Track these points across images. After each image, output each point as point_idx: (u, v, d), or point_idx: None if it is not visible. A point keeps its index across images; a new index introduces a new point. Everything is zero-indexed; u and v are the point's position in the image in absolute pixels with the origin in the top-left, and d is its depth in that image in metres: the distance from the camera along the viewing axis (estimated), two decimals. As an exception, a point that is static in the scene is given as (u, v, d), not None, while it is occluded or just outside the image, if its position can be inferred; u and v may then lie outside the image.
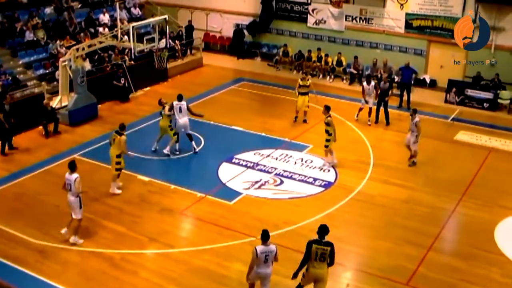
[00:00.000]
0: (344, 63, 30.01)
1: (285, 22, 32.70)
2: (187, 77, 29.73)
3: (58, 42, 27.71)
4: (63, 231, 15.50)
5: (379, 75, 28.72)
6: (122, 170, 18.29)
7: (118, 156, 17.89)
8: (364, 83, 24.01)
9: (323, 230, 12.63)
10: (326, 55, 30.31)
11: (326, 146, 20.01)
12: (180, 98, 20.82)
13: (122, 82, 26.35)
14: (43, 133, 22.48)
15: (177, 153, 20.97)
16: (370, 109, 23.80)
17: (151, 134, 22.85)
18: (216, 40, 35.41)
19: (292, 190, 18.66)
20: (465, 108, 26.26)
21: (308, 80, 23.68)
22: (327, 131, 19.81)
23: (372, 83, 23.81)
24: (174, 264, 14.79)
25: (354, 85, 29.35)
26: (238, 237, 15.94)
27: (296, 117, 23.91)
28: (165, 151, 20.57)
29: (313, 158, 20.82)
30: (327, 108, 19.92)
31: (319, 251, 12.35)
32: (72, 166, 15.30)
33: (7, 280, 13.75)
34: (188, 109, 20.87)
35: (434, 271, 14.64)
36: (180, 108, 20.58)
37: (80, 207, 15.30)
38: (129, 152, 18.15)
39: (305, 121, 23.87)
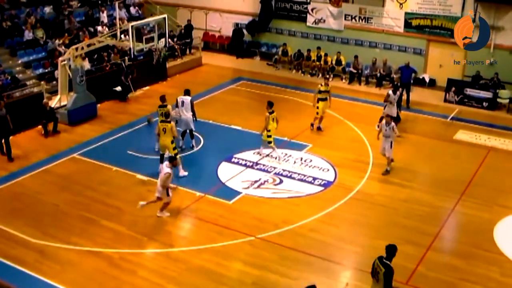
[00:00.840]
0: (343, 63, 30.01)
1: (285, 21, 32.70)
2: (187, 77, 29.70)
3: (57, 41, 27.72)
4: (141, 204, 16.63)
5: (378, 74, 28.86)
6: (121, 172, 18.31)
7: (172, 142, 18.97)
8: (390, 92, 22.97)
9: (389, 249, 12.30)
10: (325, 55, 30.31)
11: (269, 142, 20.45)
12: (187, 92, 20.95)
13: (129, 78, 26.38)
14: (42, 132, 22.46)
15: (183, 147, 21.19)
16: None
17: (151, 133, 22.87)
18: (215, 39, 35.41)
19: (292, 190, 18.64)
20: (464, 108, 26.26)
21: (328, 84, 23.09)
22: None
23: (398, 93, 23.09)
24: (173, 263, 14.78)
25: (353, 84, 29.40)
26: (238, 236, 15.93)
27: (313, 124, 23.17)
28: (181, 174, 19.33)
29: (312, 157, 20.81)
30: (270, 104, 20.32)
31: (376, 269, 12.20)
32: (172, 160, 16.83)
33: (7, 279, 13.73)
34: (192, 105, 20.85)
35: (434, 270, 14.64)
36: (182, 102, 20.60)
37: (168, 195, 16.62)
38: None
39: (319, 128, 23.20)
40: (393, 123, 19.67)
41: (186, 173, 19.20)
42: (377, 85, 28.94)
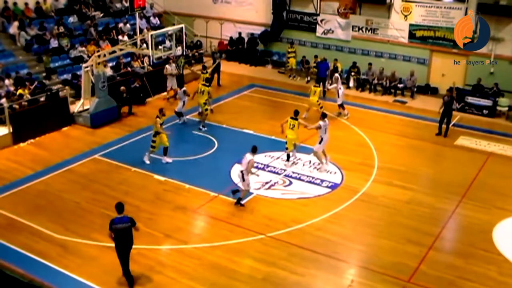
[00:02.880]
0: (339, 69, 29.93)
1: (295, 31, 32.67)
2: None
3: (80, 48, 27.87)
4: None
5: (384, 83, 28.79)
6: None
7: (205, 103, 23.18)
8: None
9: None
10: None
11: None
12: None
13: (134, 85, 26.33)
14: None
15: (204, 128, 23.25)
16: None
17: (168, 136, 22.91)
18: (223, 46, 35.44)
19: (300, 191, 18.60)
20: (465, 115, 26.11)
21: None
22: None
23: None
24: (188, 259, 14.78)
25: (361, 91, 29.34)
26: (249, 234, 15.92)
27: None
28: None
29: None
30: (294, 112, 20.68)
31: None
32: (254, 150, 17.65)
33: (31, 272, 13.82)
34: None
35: (434, 268, 14.56)
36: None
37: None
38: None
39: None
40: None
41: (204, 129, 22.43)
42: (383, 93, 28.84)
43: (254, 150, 17.59)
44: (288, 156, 20.65)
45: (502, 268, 14.74)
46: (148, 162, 20.18)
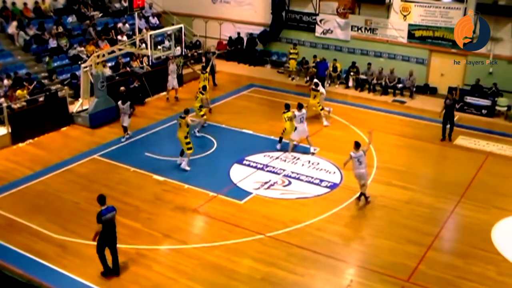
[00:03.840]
0: (338, 69, 29.99)
1: (294, 31, 32.66)
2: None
3: (78, 48, 27.88)
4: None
5: (383, 83, 28.82)
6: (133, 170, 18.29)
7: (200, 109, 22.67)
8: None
9: None
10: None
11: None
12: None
13: (136, 85, 26.33)
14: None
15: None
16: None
17: (166, 136, 22.96)
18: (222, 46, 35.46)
19: (300, 191, 18.61)
20: (464, 114, 26.11)
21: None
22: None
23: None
24: (187, 259, 14.79)
25: (360, 91, 29.37)
26: (248, 234, 15.93)
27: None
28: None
29: (319, 160, 20.77)
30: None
31: None
32: (358, 145, 17.36)
33: (30, 272, 13.83)
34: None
35: (434, 268, 14.57)
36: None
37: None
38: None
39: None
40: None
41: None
42: (382, 93, 28.87)
43: (357, 145, 17.42)
44: (281, 139, 21.55)
45: (501, 267, 14.75)
46: (188, 168, 19.72)
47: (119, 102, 21.90)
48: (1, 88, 23.30)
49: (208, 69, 27.28)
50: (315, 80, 25.20)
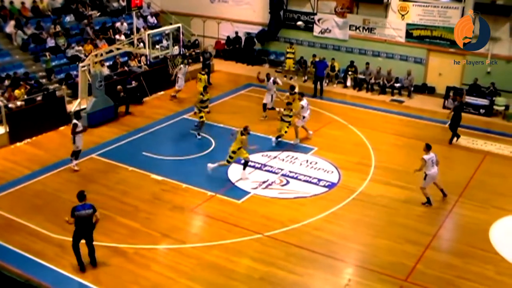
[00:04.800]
0: (336, 69, 30.00)
1: (292, 31, 32.65)
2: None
3: (76, 47, 27.86)
4: None
5: (381, 82, 28.84)
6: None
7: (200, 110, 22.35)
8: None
9: None
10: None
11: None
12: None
13: (133, 84, 26.29)
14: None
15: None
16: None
17: (164, 135, 22.98)
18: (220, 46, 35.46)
19: (298, 190, 18.62)
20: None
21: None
22: None
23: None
24: (185, 258, 14.79)
25: (358, 91, 29.38)
26: (246, 234, 15.94)
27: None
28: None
29: (317, 159, 20.79)
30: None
31: None
32: (429, 147, 17.47)
33: (28, 272, 13.81)
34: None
35: (432, 268, 14.60)
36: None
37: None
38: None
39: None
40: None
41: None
42: (380, 93, 28.90)
43: (428, 147, 17.58)
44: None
45: (499, 267, 14.78)
46: (210, 170, 19.28)
47: (75, 121, 19.57)
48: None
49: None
50: (292, 84, 25.08)
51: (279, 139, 21.93)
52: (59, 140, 22.25)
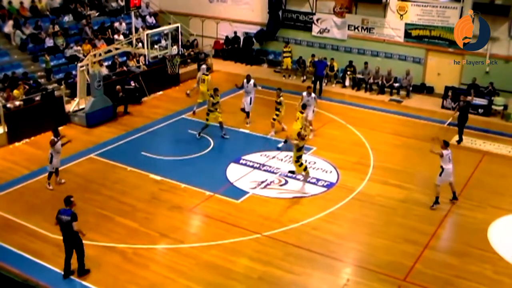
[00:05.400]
0: (335, 69, 29.98)
1: (291, 31, 32.66)
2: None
3: (75, 47, 27.85)
4: None
5: (380, 82, 28.85)
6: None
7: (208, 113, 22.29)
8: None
9: None
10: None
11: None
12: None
13: (132, 85, 26.30)
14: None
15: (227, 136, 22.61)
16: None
17: (163, 135, 22.99)
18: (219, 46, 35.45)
19: (296, 190, 18.61)
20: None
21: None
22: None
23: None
24: (184, 258, 14.79)
25: (357, 90, 29.37)
26: (245, 233, 15.93)
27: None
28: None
29: (316, 159, 20.78)
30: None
31: None
32: (447, 143, 17.43)
33: (26, 272, 13.83)
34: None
35: (430, 267, 14.60)
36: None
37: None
38: None
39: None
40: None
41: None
42: (379, 92, 28.91)
43: (446, 143, 17.54)
44: (286, 141, 21.28)
45: (497, 266, 14.79)
46: (306, 192, 18.51)
47: (53, 141, 17.92)
48: (-3, 88, 23.34)
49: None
50: (303, 102, 22.94)
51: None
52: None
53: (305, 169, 18.26)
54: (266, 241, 15.62)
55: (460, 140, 22.82)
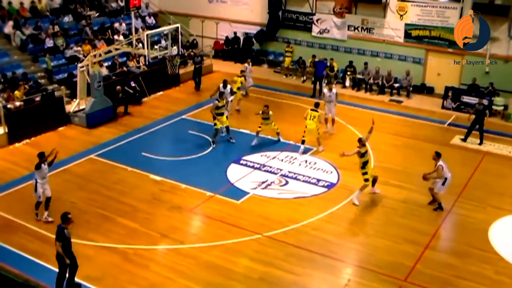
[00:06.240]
0: (335, 69, 29.98)
1: (291, 31, 32.67)
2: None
3: (75, 47, 27.84)
4: None
5: (380, 83, 28.85)
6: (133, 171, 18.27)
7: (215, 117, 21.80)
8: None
9: None
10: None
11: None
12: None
13: (133, 85, 26.29)
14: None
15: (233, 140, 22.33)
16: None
17: (163, 136, 22.97)
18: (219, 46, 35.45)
19: (297, 190, 18.61)
20: (460, 114, 26.12)
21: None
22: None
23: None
24: (184, 259, 14.78)
25: (357, 91, 29.36)
26: (245, 234, 15.93)
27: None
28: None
29: (317, 160, 20.78)
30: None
31: None
32: (438, 154, 17.53)
33: (26, 272, 13.80)
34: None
35: (431, 268, 14.59)
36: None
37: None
38: None
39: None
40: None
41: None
42: (379, 93, 28.91)
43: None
44: (303, 142, 21.35)
45: (497, 267, 14.78)
46: (357, 202, 17.93)
47: (42, 165, 16.57)
48: (-3, 88, 23.32)
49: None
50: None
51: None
52: (57, 141, 22.20)
53: (367, 180, 17.76)
54: (267, 242, 15.61)
55: (465, 139, 22.88)
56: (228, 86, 24.06)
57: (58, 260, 13.13)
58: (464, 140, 22.80)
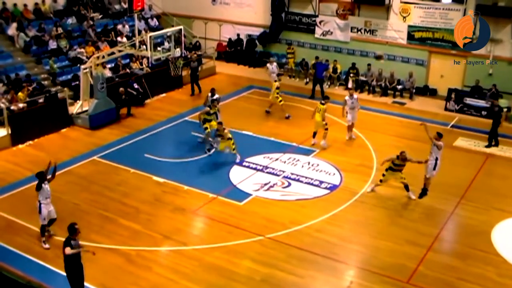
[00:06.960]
0: (338, 71, 29.98)
1: (294, 33, 32.68)
2: (201, 84, 29.58)
3: (78, 49, 27.89)
4: None
5: (383, 84, 28.84)
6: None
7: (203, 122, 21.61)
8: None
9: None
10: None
11: None
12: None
13: (135, 87, 26.33)
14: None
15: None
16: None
17: (166, 137, 22.98)
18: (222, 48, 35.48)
19: (299, 192, 18.60)
20: (464, 116, 26.12)
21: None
22: None
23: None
24: (187, 260, 14.78)
25: (363, 93, 29.33)
26: (248, 235, 15.92)
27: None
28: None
29: (319, 162, 20.76)
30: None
31: None
32: (440, 135, 17.92)
33: (29, 273, 13.85)
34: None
35: (433, 270, 14.56)
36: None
37: None
38: None
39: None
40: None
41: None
42: (382, 95, 28.89)
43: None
44: (314, 134, 22.10)
45: (500, 269, 14.75)
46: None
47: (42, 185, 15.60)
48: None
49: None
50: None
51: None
52: (60, 142, 22.29)
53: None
54: (269, 243, 15.60)
55: (496, 144, 22.83)
56: (216, 95, 23.38)
57: (67, 271, 12.88)
58: (488, 146, 22.74)
